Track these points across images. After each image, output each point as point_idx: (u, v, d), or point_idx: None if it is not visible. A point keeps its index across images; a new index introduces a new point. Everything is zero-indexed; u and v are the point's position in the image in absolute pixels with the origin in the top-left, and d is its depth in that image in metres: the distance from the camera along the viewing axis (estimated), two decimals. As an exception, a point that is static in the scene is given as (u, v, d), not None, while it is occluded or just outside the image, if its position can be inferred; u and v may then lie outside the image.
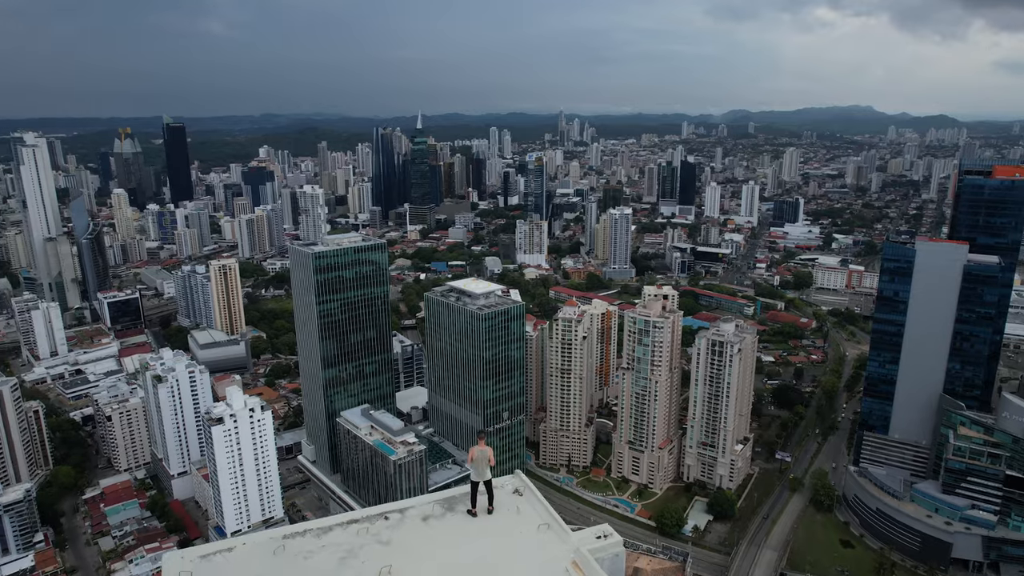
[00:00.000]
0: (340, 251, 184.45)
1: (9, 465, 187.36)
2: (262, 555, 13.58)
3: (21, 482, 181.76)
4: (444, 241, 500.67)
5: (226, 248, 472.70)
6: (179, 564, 13.50)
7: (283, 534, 14.21)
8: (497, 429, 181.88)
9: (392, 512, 14.52)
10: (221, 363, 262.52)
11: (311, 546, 13.89)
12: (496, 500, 15.24)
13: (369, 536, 13.80)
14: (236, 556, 13.62)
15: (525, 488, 15.29)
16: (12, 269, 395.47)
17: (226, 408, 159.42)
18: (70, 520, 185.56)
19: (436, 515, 14.39)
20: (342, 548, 13.55)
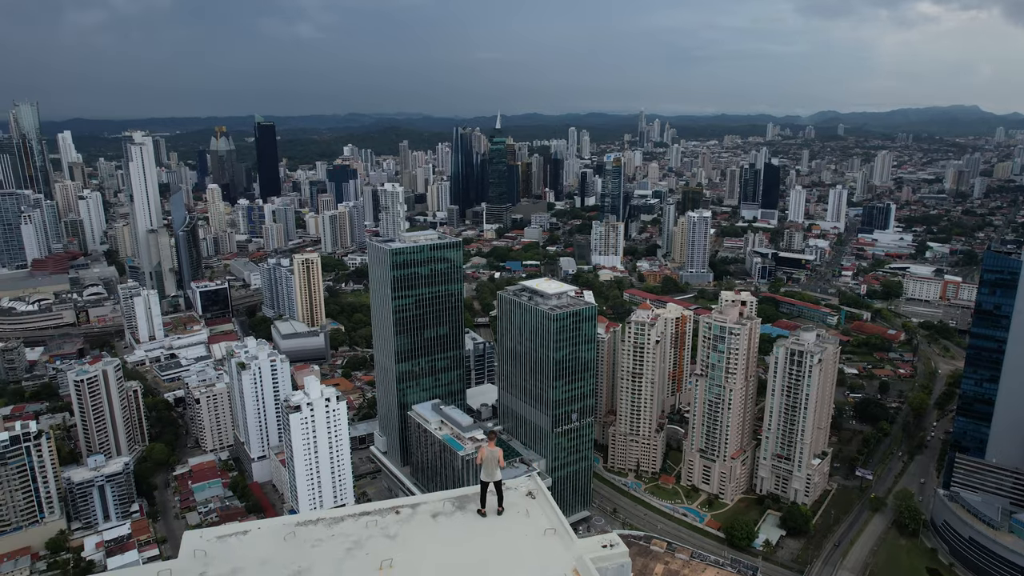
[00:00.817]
0: (417, 248, 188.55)
1: (111, 439, 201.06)
2: (274, 540, 13.93)
3: (121, 455, 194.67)
4: (519, 241, 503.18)
5: (310, 243, 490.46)
6: (197, 542, 13.96)
7: (296, 521, 14.53)
8: (565, 430, 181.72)
9: (404, 507, 14.84)
10: (301, 353, 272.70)
11: (321, 535, 14.14)
12: (507, 501, 15.35)
13: (377, 529, 13.98)
14: (249, 539, 14.03)
15: (538, 491, 15.36)
16: (119, 258, 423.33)
17: (304, 397, 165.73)
18: (162, 494, 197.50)
19: (446, 512, 14.62)
20: (350, 539, 13.78)
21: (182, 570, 13.23)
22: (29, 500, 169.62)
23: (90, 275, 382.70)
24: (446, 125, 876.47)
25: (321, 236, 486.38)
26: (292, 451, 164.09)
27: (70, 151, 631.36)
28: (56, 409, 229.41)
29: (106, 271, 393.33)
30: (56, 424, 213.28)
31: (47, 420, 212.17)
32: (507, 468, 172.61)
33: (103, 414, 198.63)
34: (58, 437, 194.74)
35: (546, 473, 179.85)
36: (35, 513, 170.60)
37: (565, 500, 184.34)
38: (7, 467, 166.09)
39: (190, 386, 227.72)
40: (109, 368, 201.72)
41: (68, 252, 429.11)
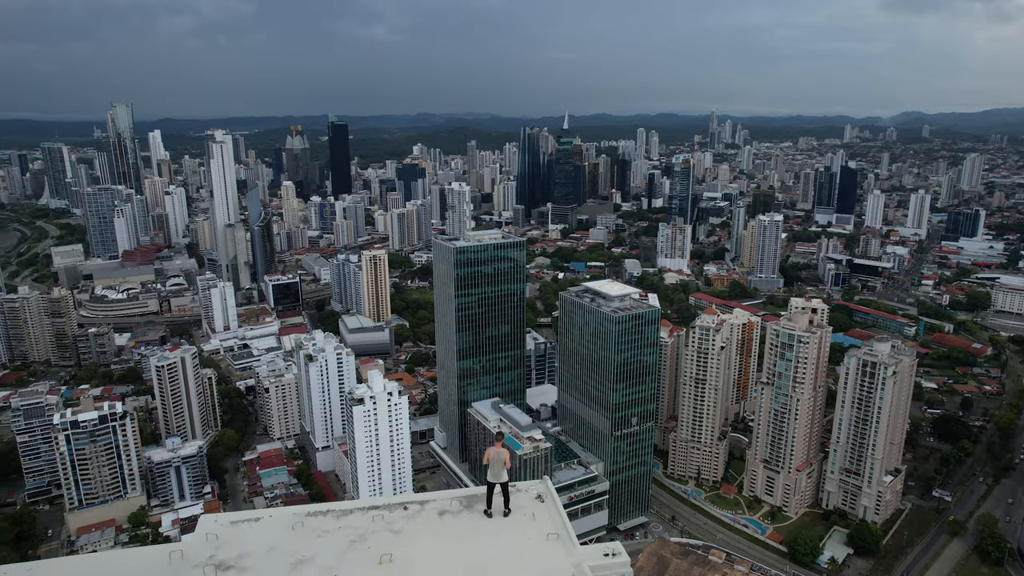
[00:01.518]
0: (480, 247, 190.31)
1: (187, 423, 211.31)
2: (282, 528, 14.37)
3: (196, 439, 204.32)
4: (584, 241, 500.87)
5: (378, 239, 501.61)
6: (211, 526, 14.53)
7: (307, 511, 14.94)
8: (625, 434, 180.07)
9: (412, 503, 15.05)
10: (366, 347, 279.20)
11: (328, 526, 14.44)
12: (516, 504, 15.34)
13: (383, 523, 14.18)
14: (260, 526, 14.52)
15: (548, 495, 15.33)
16: (199, 251, 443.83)
17: (367, 390, 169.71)
18: (232, 478, 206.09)
19: (453, 511, 14.72)
20: (355, 532, 14.06)
21: (193, 551, 13.78)
22: (114, 476, 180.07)
23: (173, 266, 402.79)
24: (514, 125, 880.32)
25: (389, 233, 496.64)
26: (354, 442, 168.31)
27: (159, 149, 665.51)
28: (140, 392, 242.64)
29: (187, 263, 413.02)
30: (139, 406, 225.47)
31: (132, 402, 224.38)
32: (565, 469, 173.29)
33: (180, 399, 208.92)
34: (140, 419, 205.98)
35: (604, 477, 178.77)
36: (119, 488, 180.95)
37: (622, 505, 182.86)
38: (96, 444, 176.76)
39: (260, 376, 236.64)
40: (187, 355, 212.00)
41: (154, 244, 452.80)
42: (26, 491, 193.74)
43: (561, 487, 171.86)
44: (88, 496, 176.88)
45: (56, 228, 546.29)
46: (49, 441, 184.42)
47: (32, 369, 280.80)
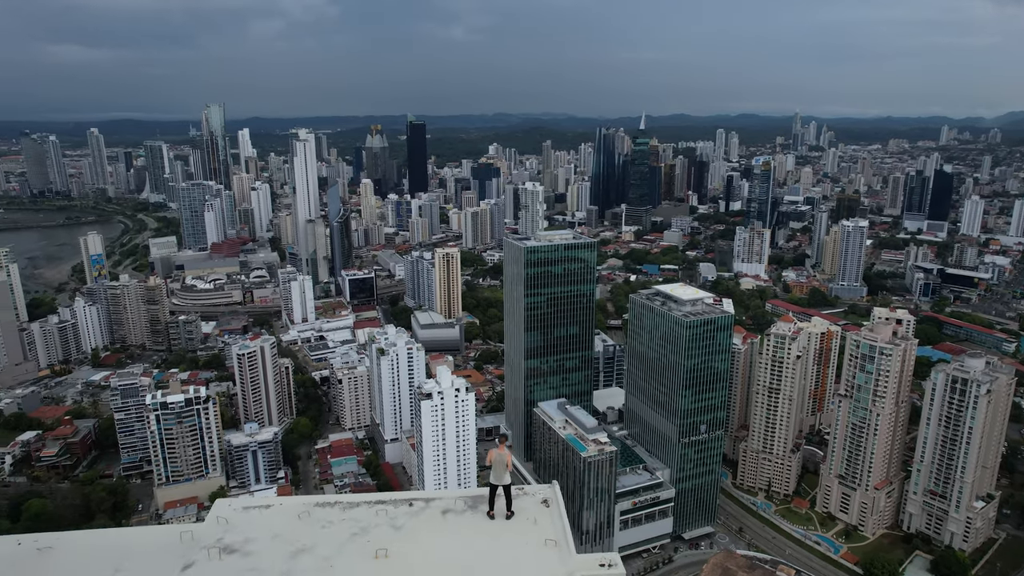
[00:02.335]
0: (551, 247, 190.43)
1: (265, 409, 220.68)
2: (289, 517, 14.67)
3: (272, 425, 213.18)
4: (658, 244, 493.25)
5: (452, 237, 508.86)
6: (224, 510, 14.98)
7: (316, 502, 15.20)
8: (693, 441, 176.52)
9: (418, 500, 15.11)
10: (437, 343, 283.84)
11: (333, 517, 14.61)
12: (521, 507, 15.11)
13: (387, 518, 14.33)
14: (269, 513, 14.89)
15: (554, 501, 15.14)
16: (281, 245, 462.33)
17: (435, 385, 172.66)
18: (304, 464, 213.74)
19: (456, 510, 14.63)
20: (358, 524, 14.23)
21: (202, 533, 14.18)
22: (198, 456, 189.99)
23: (256, 259, 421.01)
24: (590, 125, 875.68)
25: (463, 232, 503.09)
26: (421, 436, 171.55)
27: (247, 147, 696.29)
28: (222, 378, 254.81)
29: (269, 256, 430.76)
30: (221, 392, 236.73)
31: (215, 387, 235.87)
32: (630, 474, 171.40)
33: (259, 386, 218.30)
34: (222, 403, 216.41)
35: (669, 484, 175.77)
36: (201, 468, 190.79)
37: (688, 514, 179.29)
38: (182, 425, 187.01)
39: (334, 367, 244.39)
40: (266, 345, 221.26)
41: (240, 238, 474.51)
42: (121, 465, 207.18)
43: (625, 492, 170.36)
44: (174, 473, 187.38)
45: (154, 220, 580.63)
46: (142, 420, 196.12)
47: (129, 352, 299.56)
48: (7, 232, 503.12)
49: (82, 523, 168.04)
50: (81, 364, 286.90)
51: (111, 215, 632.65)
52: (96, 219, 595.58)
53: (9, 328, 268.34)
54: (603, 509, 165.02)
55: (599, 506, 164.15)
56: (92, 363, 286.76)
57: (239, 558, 13.32)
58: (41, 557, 13.33)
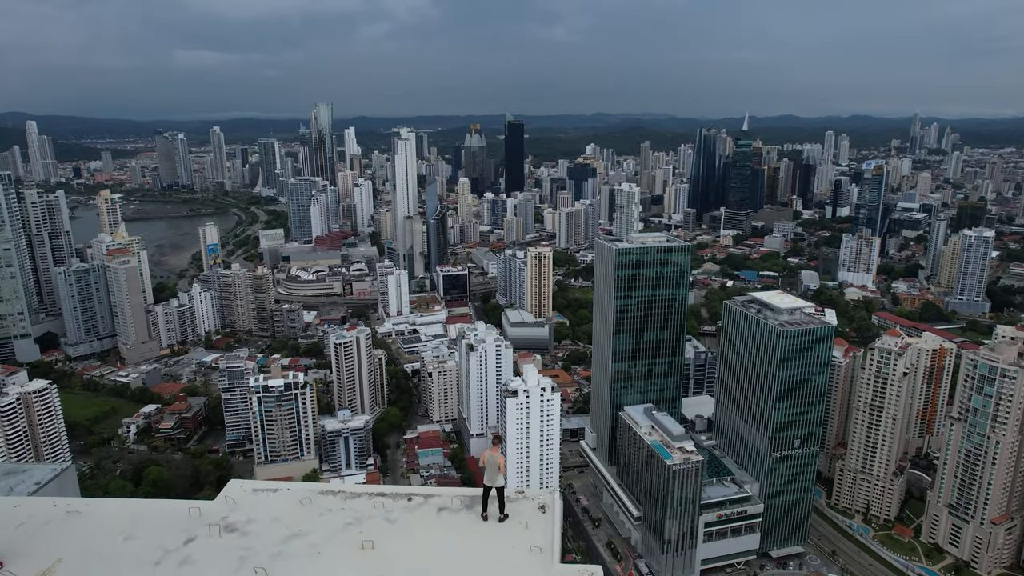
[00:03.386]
0: (643, 249, 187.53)
1: (358, 398, 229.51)
2: (292, 502, 14.98)
3: (364, 413, 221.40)
4: (758, 249, 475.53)
5: (545, 237, 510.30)
6: (235, 490, 15.47)
7: (320, 490, 15.48)
8: (785, 456, 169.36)
9: (417, 496, 15.01)
10: (526, 342, 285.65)
11: (332, 505, 14.80)
12: (515, 511, 14.78)
13: (383, 511, 14.44)
14: (275, 497, 15.26)
15: (551, 508, 14.75)
16: (380, 240, 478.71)
17: (522, 383, 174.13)
18: (392, 453, 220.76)
19: (452, 509, 14.43)
20: (354, 515, 14.39)
21: (210, 511, 14.71)
22: (294, 439, 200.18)
23: (357, 253, 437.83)
24: (691, 126, 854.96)
25: (556, 231, 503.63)
26: (506, 433, 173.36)
27: (352, 145, 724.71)
28: (320, 366, 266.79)
29: (369, 250, 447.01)
30: (319, 378, 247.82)
31: (313, 374, 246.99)
32: (716, 485, 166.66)
33: (353, 375, 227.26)
34: (319, 390, 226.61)
35: (758, 498, 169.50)
36: (297, 450, 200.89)
37: (777, 531, 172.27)
38: (281, 408, 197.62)
39: (425, 360, 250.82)
40: (361, 336, 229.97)
41: (343, 232, 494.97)
42: (227, 441, 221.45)
43: (711, 503, 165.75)
44: (272, 453, 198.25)
45: (265, 213, 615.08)
46: (246, 401, 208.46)
47: (237, 336, 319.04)
48: (140, 222, 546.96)
49: (191, 492, 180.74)
50: (196, 345, 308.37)
51: (227, 207, 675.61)
52: (214, 211, 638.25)
53: (138, 310, 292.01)
54: (686, 519, 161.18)
55: (682, 516, 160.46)
56: (205, 345, 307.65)
57: (237, 537, 13.88)
58: (68, 519, 14.48)
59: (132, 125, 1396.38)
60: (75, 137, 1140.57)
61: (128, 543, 13.59)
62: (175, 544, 13.52)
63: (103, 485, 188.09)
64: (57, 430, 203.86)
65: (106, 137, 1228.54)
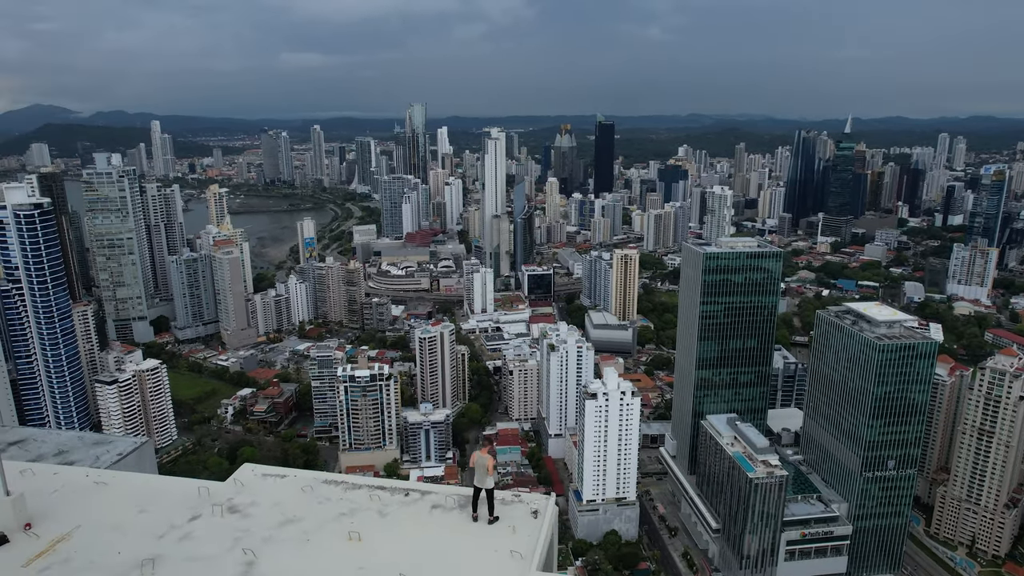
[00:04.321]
0: (732, 254, 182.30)
1: (440, 392, 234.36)
2: (295, 489, 15.26)
3: (445, 408, 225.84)
4: (858, 258, 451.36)
5: (633, 239, 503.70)
6: (245, 474, 15.91)
7: (324, 479, 15.67)
8: (878, 477, 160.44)
9: (414, 491, 14.84)
10: (608, 344, 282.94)
11: (332, 495, 14.95)
12: (507, 514, 14.45)
13: (378, 504, 14.50)
14: (281, 483, 15.58)
15: (543, 515, 14.28)
16: (468, 238, 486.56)
17: (601, 386, 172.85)
18: (471, 448, 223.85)
19: (445, 507, 14.18)
20: (350, 505, 14.51)
21: (218, 491, 15.21)
22: (377, 428, 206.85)
23: (445, 250, 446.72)
24: (789, 128, 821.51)
25: (644, 234, 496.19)
26: (584, 435, 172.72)
27: (444, 144, 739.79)
28: (406, 359, 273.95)
29: (457, 248, 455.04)
30: (403, 371, 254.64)
31: (398, 367, 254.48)
32: (801, 502, 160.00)
33: (436, 369, 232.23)
34: (403, 382, 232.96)
35: (846, 519, 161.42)
36: (380, 440, 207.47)
37: (867, 556, 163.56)
38: (366, 398, 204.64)
39: (507, 358, 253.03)
40: (445, 332, 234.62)
41: (432, 229, 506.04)
42: (314, 428, 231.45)
43: (794, 521, 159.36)
44: (356, 441, 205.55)
45: (359, 209, 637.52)
46: (333, 389, 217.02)
47: (329, 327, 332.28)
48: (244, 215, 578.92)
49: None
50: (290, 334, 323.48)
51: (325, 203, 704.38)
52: (312, 206, 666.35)
53: (239, 298, 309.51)
54: (767, 535, 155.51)
55: (763, 531, 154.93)
56: (299, 334, 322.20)
57: (238, 518, 14.40)
58: (96, 489, 15.50)
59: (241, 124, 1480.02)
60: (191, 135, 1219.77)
61: (140, 516, 14.41)
62: (181, 520, 14.20)
63: (203, 460, 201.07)
64: (165, 406, 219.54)
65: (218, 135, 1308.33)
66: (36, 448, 17.93)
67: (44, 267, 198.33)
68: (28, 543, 13.45)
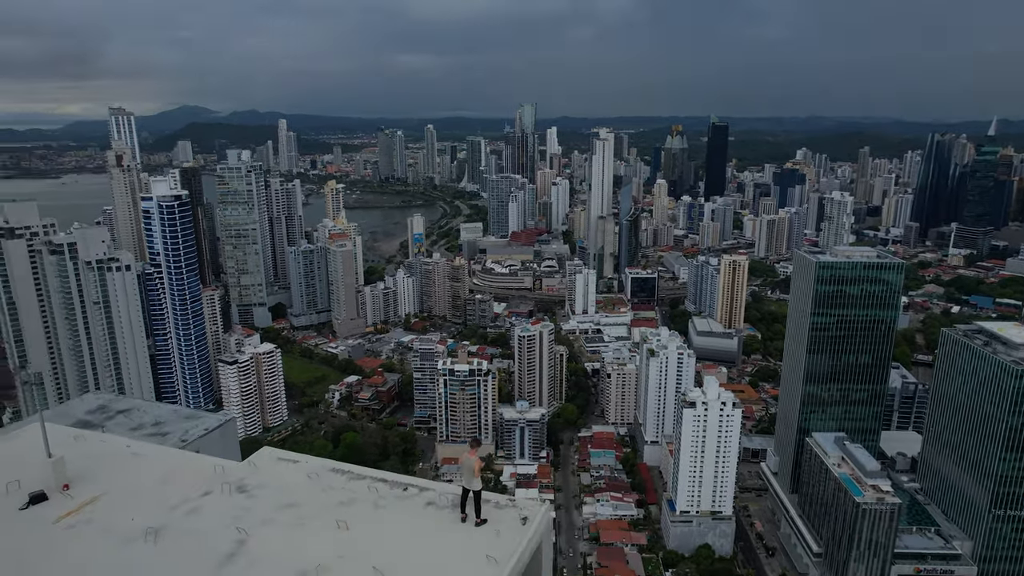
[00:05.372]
0: (848, 264, 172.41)
1: (536, 390, 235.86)
2: (302, 475, 15.56)
3: (541, 407, 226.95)
4: (996, 273, 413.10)
5: (743, 245, 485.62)
6: (262, 455, 16.34)
7: (332, 467, 15.88)
8: (1011, 516, 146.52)
9: (413, 487, 14.58)
10: (711, 352, 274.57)
11: (335, 484, 15.13)
12: (496, 518, 13.96)
13: (376, 496, 14.54)
14: (291, 468, 15.88)
15: (532, 523, 13.70)
16: (572, 239, 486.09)
17: (701, 395, 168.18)
18: (565, 449, 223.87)
19: (438, 505, 13.80)
20: (349, 495, 14.64)
21: (232, 470, 15.78)
22: (474, 422, 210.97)
23: (548, 250, 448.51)
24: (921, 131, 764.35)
25: (756, 240, 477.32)
26: (680, 444, 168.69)
27: (553, 144, 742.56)
28: (505, 356, 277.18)
29: (561, 248, 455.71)
30: (502, 368, 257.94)
31: (497, 363, 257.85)
32: (916, 535, 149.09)
33: (534, 368, 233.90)
34: (500, 379, 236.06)
35: (970, 559, 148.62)
36: (475, 433, 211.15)
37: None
38: (464, 392, 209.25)
39: (605, 361, 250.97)
40: (545, 331, 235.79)
41: (537, 229, 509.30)
42: (414, 417, 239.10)
43: (908, 554, 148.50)
44: (453, 434, 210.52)
45: (467, 207, 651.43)
46: (433, 381, 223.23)
47: (433, 321, 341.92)
48: (359, 210, 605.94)
49: (380, 461, 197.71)
50: (396, 326, 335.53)
51: (435, 200, 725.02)
52: (423, 203, 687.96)
53: (350, 289, 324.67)
54: (876, 566, 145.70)
55: (871, 561, 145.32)
56: (404, 326, 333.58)
57: (244, 498, 15.03)
58: (131, 459, 16.73)
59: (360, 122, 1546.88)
60: (314, 133, 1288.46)
61: (161, 487, 15.46)
62: (194, 495, 15.04)
63: (309, 442, 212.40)
64: (278, 388, 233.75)
65: (338, 133, 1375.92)
66: (138, 418, 19.96)
67: (180, 253, 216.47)
68: (62, 502, 14.76)
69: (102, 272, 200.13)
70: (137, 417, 20.13)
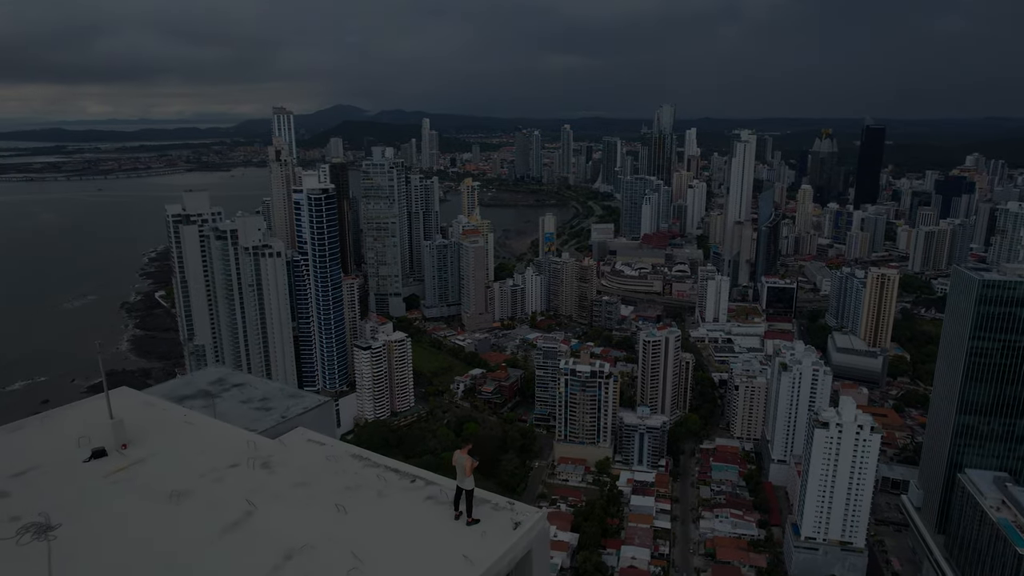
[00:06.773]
0: (1017, 283, 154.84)
1: (659, 397, 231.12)
2: (321, 457, 15.81)
3: (663, 414, 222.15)
4: None
5: (896, 257, 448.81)
6: (294, 437, 16.83)
7: (352, 453, 16.03)
8: None
9: (419, 479, 14.23)
10: (851, 371, 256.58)
11: (350, 469, 15.22)
12: (488, 519, 13.50)
13: (383, 484, 14.56)
14: (318, 449, 16.17)
15: (523, 529, 13.01)
16: (707, 243, 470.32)
17: (835, 415, 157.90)
18: (686, 460, 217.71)
19: (438, 500, 13.25)
20: (359, 481, 14.69)
21: (263, 446, 16.32)
22: (593, 424, 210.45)
23: (681, 254, 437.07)
24: None
25: (910, 252, 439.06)
26: (809, 466, 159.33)
27: (692, 146, 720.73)
28: (629, 360, 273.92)
29: (694, 253, 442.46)
30: (625, 372, 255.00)
31: (620, 366, 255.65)
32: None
33: (658, 374, 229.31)
34: (623, 383, 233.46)
35: None
36: (594, 436, 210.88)
37: None
38: (584, 393, 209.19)
39: (734, 372, 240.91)
40: (671, 337, 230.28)
41: (670, 231, 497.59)
42: (534, 414, 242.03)
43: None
44: (571, 434, 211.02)
45: (600, 208, 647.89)
46: (555, 380, 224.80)
47: (558, 320, 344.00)
48: (493, 207, 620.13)
49: (498, 453, 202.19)
50: (522, 323, 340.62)
51: (567, 200, 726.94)
52: (556, 203, 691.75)
53: (480, 284, 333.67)
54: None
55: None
56: (530, 323, 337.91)
57: (266, 474, 15.68)
58: (183, 427, 17.95)
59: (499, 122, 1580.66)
60: (455, 132, 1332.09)
61: (198, 456, 16.59)
62: (223, 465, 16.01)
63: (432, 429, 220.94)
64: (407, 376, 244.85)
65: (478, 132, 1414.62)
66: (248, 392, 22.13)
67: (325, 243, 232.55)
68: (116, 460, 16.43)
69: (257, 257, 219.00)
70: (248, 391, 22.20)
